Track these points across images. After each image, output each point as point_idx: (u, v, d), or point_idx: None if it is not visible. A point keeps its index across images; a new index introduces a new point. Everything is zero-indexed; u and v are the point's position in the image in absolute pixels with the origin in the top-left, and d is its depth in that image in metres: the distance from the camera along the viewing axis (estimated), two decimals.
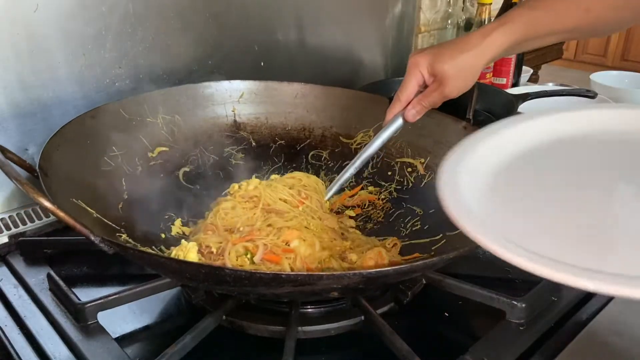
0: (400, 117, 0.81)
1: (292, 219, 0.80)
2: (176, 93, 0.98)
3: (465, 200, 0.53)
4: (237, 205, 0.84)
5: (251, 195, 0.86)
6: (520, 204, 0.54)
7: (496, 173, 0.60)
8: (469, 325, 0.74)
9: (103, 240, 0.60)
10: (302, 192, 0.87)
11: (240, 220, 0.82)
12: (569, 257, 0.44)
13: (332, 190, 0.88)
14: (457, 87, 0.77)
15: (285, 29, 1.23)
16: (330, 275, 0.56)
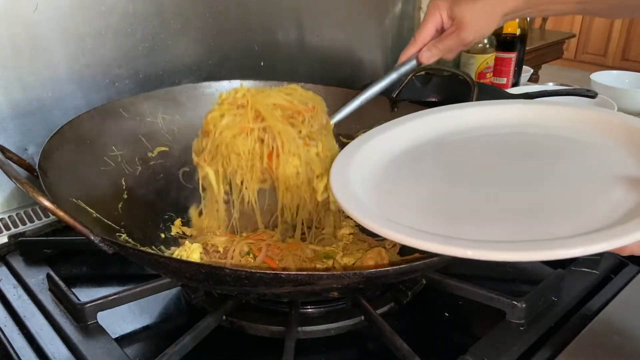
0: (415, 58, 0.81)
1: (291, 141, 0.73)
2: (176, 93, 0.97)
3: (353, 189, 0.62)
4: (226, 114, 0.75)
5: (240, 103, 0.76)
6: (401, 192, 0.64)
7: (384, 166, 0.69)
8: (469, 326, 0.74)
9: (103, 240, 0.60)
10: (305, 103, 0.77)
11: (232, 132, 0.74)
12: (428, 226, 0.53)
13: (337, 116, 0.84)
14: (475, 32, 0.77)
15: (285, 29, 1.23)
16: (330, 275, 0.56)
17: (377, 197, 0.62)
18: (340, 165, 0.68)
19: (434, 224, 0.55)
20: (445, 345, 0.70)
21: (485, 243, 0.50)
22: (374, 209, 0.58)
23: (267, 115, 0.72)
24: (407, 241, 0.51)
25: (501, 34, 1.45)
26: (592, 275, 0.78)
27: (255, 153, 0.74)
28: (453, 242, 0.50)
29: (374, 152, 0.71)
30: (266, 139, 0.73)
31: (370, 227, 0.54)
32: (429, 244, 0.50)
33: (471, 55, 1.43)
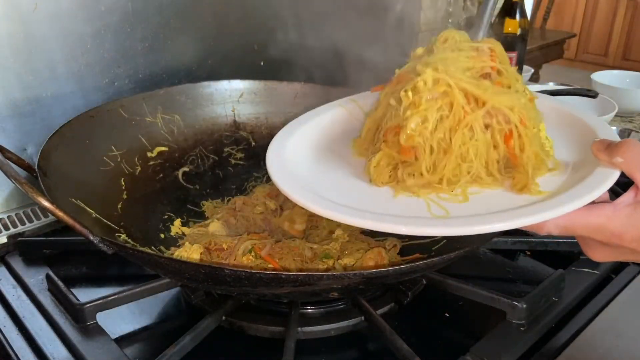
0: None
1: None
2: (176, 92, 0.97)
3: (289, 170, 0.63)
4: (428, 114, 0.59)
5: (443, 91, 0.59)
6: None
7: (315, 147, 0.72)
8: (469, 326, 0.74)
9: (102, 240, 0.59)
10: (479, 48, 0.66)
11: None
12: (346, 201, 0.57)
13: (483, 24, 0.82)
14: None
15: (285, 29, 1.23)
16: (330, 276, 0.56)
17: (315, 176, 0.64)
18: (278, 142, 0.69)
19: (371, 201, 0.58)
20: (445, 346, 0.70)
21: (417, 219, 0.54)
22: (310, 187, 0.60)
23: (482, 94, 0.58)
24: (338, 217, 0.53)
25: (502, 34, 1.45)
26: (593, 276, 0.78)
27: (487, 144, 0.59)
28: (388, 219, 0.53)
29: (312, 133, 0.73)
30: (493, 123, 0.58)
31: (305, 205, 0.56)
32: (362, 221, 0.53)
33: None
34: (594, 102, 1.28)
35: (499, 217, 0.51)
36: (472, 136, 0.57)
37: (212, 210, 0.90)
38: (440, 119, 0.58)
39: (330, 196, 0.58)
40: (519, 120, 0.57)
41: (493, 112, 0.58)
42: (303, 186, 0.59)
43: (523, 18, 1.45)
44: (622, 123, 1.34)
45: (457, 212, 0.55)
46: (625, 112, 1.37)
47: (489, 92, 0.58)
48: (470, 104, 0.58)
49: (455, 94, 0.58)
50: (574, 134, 0.65)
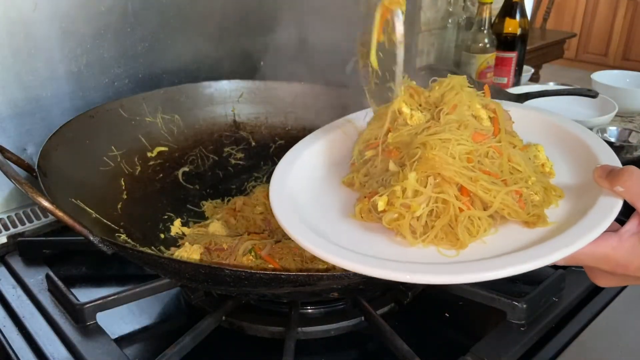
0: None
1: None
2: (176, 92, 0.97)
3: (291, 206, 0.62)
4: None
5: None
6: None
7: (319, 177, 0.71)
8: (469, 326, 0.74)
9: (102, 240, 0.59)
10: None
11: None
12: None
13: None
14: None
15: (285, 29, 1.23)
16: (330, 276, 0.56)
17: (315, 212, 0.63)
18: (279, 176, 0.68)
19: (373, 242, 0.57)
20: (445, 346, 0.70)
21: (420, 265, 0.52)
22: (315, 228, 0.58)
23: (484, 196, 0.57)
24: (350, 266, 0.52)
25: (502, 34, 1.45)
26: None
27: None
28: (391, 266, 0.51)
29: (310, 162, 0.73)
30: None
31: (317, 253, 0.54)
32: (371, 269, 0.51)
33: (472, 55, 1.43)
34: (594, 102, 1.28)
35: (511, 261, 0.50)
36: (474, 223, 0.56)
37: (212, 211, 0.90)
38: (429, 213, 0.56)
39: (335, 239, 0.56)
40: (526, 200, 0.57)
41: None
42: (311, 229, 0.57)
43: (523, 18, 1.45)
44: (622, 123, 1.33)
45: (468, 252, 0.54)
46: (625, 112, 1.37)
47: (487, 187, 0.56)
48: (466, 196, 0.56)
49: (450, 197, 0.55)
50: (574, 153, 0.66)
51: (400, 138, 0.63)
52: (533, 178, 0.59)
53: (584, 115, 1.30)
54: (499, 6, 1.48)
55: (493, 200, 0.55)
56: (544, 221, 0.56)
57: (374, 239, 0.57)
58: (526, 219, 0.56)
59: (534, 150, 0.65)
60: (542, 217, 0.56)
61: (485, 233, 0.56)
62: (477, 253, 0.54)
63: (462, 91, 0.65)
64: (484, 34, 1.41)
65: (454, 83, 0.66)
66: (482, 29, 1.41)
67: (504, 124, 0.63)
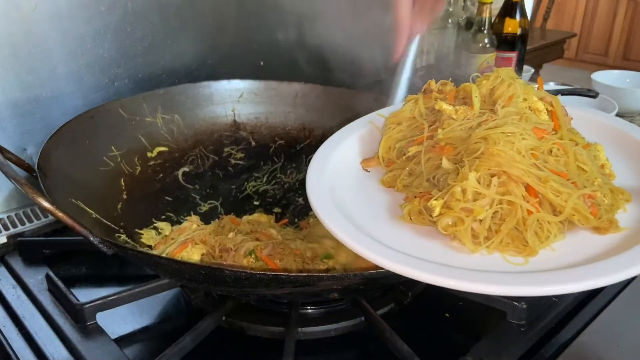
0: (415, 39, 0.81)
1: None
2: (176, 92, 0.97)
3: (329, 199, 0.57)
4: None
5: None
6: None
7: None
8: (469, 326, 0.74)
9: (102, 240, 0.59)
10: None
11: None
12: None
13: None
14: None
15: (284, 28, 1.23)
16: (330, 276, 0.56)
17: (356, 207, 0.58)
18: (317, 168, 0.63)
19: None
20: (445, 346, 0.70)
21: (470, 272, 0.47)
22: (356, 224, 0.54)
23: (555, 199, 0.52)
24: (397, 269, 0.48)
25: (502, 34, 1.45)
26: None
27: None
28: (460, 275, 0.46)
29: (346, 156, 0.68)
30: None
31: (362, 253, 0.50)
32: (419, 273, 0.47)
33: (472, 55, 1.43)
34: (594, 102, 1.28)
35: (594, 272, 0.45)
36: (543, 228, 0.51)
37: None
38: (493, 215, 0.50)
39: (381, 238, 0.52)
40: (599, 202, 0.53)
41: None
42: (359, 231, 0.53)
43: (523, 18, 1.45)
44: None
45: (537, 260, 0.49)
46: (626, 112, 1.37)
47: (558, 190, 0.51)
48: (534, 197, 0.51)
49: (517, 198, 0.50)
50: (630, 154, 0.63)
51: (453, 133, 0.57)
52: (599, 180, 0.54)
53: None
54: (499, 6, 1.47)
55: (564, 204, 0.50)
56: (616, 227, 0.51)
57: (429, 244, 0.52)
58: (597, 224, 0.51)
59: (594, 150, 0.60)
60: (614, 223, 0.52)
61: (555, 239, 0.51)
62: (547, 261, 0.49)
63: (514, 82, 0.59)
64: (484, 34, 1.41)
65: (504, 75, 0.61)
66: (482, 29, 1.41)
67: (564, 119, 0.59)
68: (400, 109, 0.66)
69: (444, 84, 0.65)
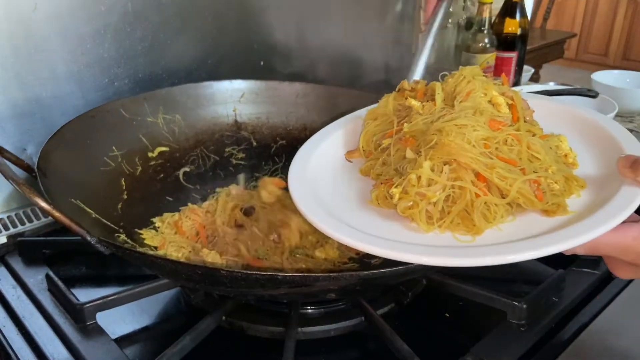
0: None
1: None
2: (177, 92, 0.97)
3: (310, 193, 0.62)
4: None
5: None
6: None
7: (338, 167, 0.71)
8: (469, 326, 0.74)
9: (99, 240, 0.59)
10: None
11: None
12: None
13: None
14: None
15: (285, 29, 1.23)
16: (326, 277, 0.56)
17: (331, 197, 0.63)
18: (299, 165, 0.68)
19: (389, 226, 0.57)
20: (445, 346, 0.70)
21: (439, 249, 0.52)
22: (330, 211, 0.59)
23: (500, 183, 0.56)
24: (364, 248, 0.52)
25: (502, 33, 1.45)
26: (593, 276, 0.78)
27: None
28: (410, 249, 0.51)
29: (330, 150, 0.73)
30: None
31: (327, 232, 0.55)
32: (385, 251, 0.51)
33: (472, 55, 1.43)
34: (594, 102, 1.28)
35: (529, 245, 0.50)
36: (490, 209, 0.55)
37: None
38: (446, 198, 0.55)
39: (353, 223, 0.56)
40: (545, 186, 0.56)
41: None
42: (328, 213, 0.58)
43: (523, 18, 1.45)
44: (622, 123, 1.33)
45: (484, 238, 0.53)
46: (626, 112, 1.37)
47: (504, 175, 0.55)
48: (483, 182, 0.55)
49: (466, 183, 0.55)
50: (599, 144, 0.64)
51: (417, 127, 0.62)
52: (554, 167, 0.57)
53: None
54: (499, 6, 1.47)
55: (509, 188, 0.54)
56: (564, 210, 0.54)
57: (391, 225, 0.57)
58: (544, 207, 0.55)
59: (556, 140, 0.63)
60: (562, 206, 0.55)
61: (502, 220, 0.55)
62: (493, 239, 0.53)
63: (474, 79, 0.64)
64: (484, 34, 1.41)
65: (466, 73, 0.66)
66: (482, 29, 1.41)
67: (523, 112, 0.62)
68: (377, 106, 0.72)
69: (416, 82, 0.70)
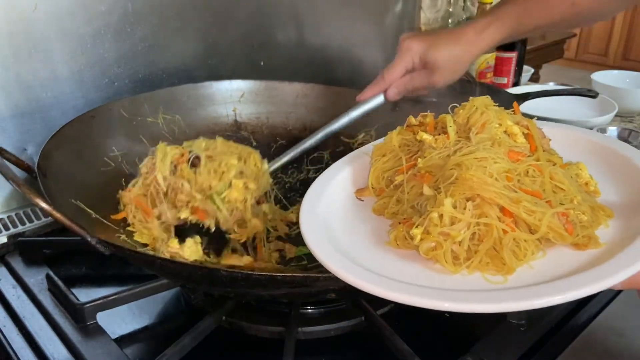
0: (382, 94, 0.84)
1: None
2: (177, 93, 0.97)
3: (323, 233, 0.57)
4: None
5: None
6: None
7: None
8: (469, 326, 0.74)
9: (99, 241, 0.59)
10: None
11: None
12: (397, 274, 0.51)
13: (281, 160, 0.87)
14: (445, 77, 0.80)
15: (285, 29, 1.23)
16: (326, 277, 0.56)
17: (345, 234, 0.59)
18: (309, 205, 0.63)
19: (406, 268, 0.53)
20: (445, 346, 0.70)
21: (460, 293, 0.49)
22: (344, 252, 0.55)
23: (528, 218, 0.54)
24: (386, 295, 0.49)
25: None
26: None
27: None
28: (430, 294, 0.48)
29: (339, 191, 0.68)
30: None
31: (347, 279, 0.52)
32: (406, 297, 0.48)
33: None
34: (594, 102, 1.28)
35: (564, 286, 0.46)
36: (520, 246, 0.52)
37: None
38: (472, 237, 0.52)
39: (373, 267, 0.53)
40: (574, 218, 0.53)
41: None
42: (348, 259, 0.54)
43: None
44: (622, 123, 1.33)
45: (516, 278, 0.50)
46: (625, 112, 1.37)
47: (531, 209, 0.52)
48: (510, 217, 0.52)
49: (492, 219, 0.51)
50: (618, 170, 0.63)
51: (432, 161, 0.59)
52: (579, 197, 0.55)
53: (584, 116, 1.30)
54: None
55: (538, 223, 0.51)
56: (596, 242, 0.52)
57: (413, 267, 0.53)
58: (574, 241, 0.52)
59: (575, 168, 0.61)
60: (593, 239, 0.52)
61: (533, 257, 0.51)
62: (526, 279, 0.49)
63: (487, 110, 0.62)
64: None
65: (478, 104, 0.64)
66: None
67: (540, 141, 0.60)
68: (383, 142, 0.69)
69: (424, 116, 0.68)
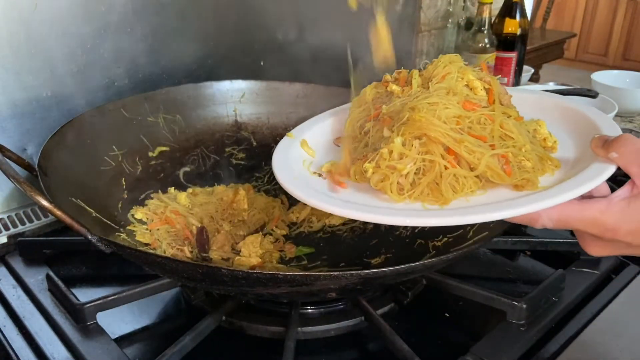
0: None
1: None
2: (177, 92, 0.97)
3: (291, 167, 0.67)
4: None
5: None
6: None
7: None
8: (469, 326, 0.74)
9: (100, 239, 0.59)
10: None
11: None
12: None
13: None
14: None
15: (285, 29, 1.23)
16: (327, 276, 0.56)
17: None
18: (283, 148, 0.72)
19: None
20: (445, 346, 0.70)
21: (395, 210, 0.56)
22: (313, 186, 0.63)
23: (469, 157, 0.59)
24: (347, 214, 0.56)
25: (502, 34, 1.45)
26: (593, 276, 0.78)
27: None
28: (379, 211, 0.55)
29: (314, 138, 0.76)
30: None
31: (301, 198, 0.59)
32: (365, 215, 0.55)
33: (472, 55, 1.43)
34: (594, 102, 1.28)
35: (491, 208, 0.52)
36: (459, 181, 0.57)
37: None
38: (417, 171, 0.58)
39: (328, 193, 0.61)
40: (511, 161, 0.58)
41: None
42: (310, 187, 0.62)
43: (523, 18, 1.45)
44: (622, 123, 1.33)
45: (453, 206, 0.56)
46: (625, 112, 1.37)
47: (472, 149, 0.57)
48: (452, 155, 0.58)
49: (436, 156, 0.57)
50: (579, 131, 0.66)
51: (394, 107, 0.65)
52: (527, 146, 0.59)
53: None
54: (499, 6, 1.47)
55: (477, 162, 0.56)
56: (533, 184, 0.56)
57: (364, 197, 0.60)
58: (513, 182, 0.56)
59: (535, 124, 0.65)
60: (532, 181, 0.56)
61: (471, 192, 0.57)
62: (466, 204, 0.55)
63: (451, 64, 0.67)
64: (484, 34, 1.41)
65: (444, 59, 0.68)
66: (482, 29, 1.41)
67: (500, 96, 0.64)
68: (360, 95, 0.75)
69: (399, 72, 0.73)
